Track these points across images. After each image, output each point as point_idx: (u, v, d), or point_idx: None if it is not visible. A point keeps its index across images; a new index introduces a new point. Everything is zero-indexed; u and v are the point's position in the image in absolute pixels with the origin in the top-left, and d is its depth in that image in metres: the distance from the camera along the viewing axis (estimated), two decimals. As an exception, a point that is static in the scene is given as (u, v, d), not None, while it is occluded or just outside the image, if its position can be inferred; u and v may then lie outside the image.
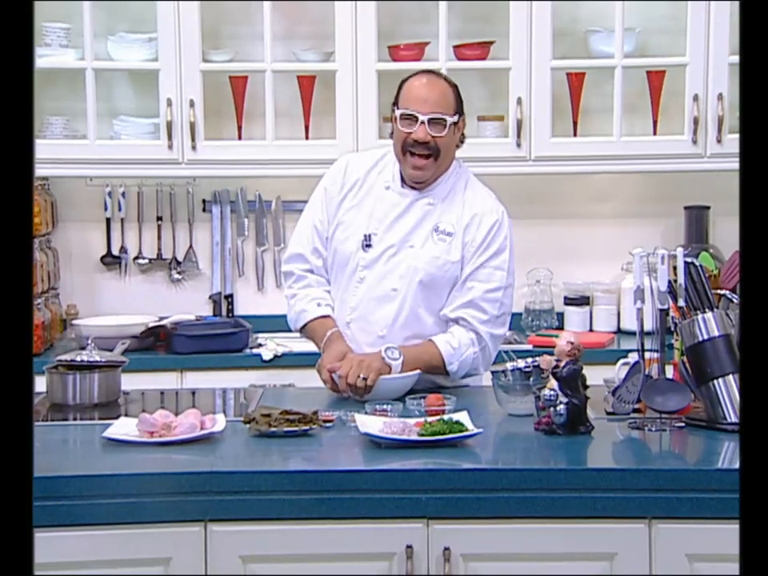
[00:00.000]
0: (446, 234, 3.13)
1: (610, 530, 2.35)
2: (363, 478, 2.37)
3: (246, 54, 4.29)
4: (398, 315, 3.12)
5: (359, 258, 3.15)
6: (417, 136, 3.05)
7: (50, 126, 4.23)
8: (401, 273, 3.13)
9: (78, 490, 2.34)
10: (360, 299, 3.15)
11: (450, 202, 3.17)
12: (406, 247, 3.14)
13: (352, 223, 3.18)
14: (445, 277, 3.12)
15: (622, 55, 4.15)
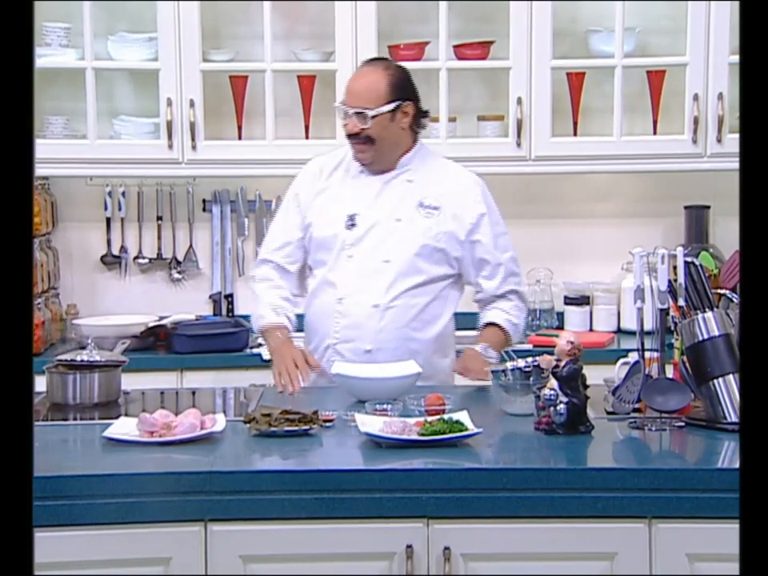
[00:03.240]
0: (432, 208, 3.27)
1: (610, 530, 2.35)
2: (363, 478, 2.37)
3: (246, 53, 4.29)
4: (392, 284, 3.21)
5: (345, 237, 3.25)
6: (347, 129, 3.24)
7: (50, 125, 4.23)
8: (391, 245, 3.23)
9: (78, 489, 2.34)
10: (351, 275, 3.24)
11: (429, 179, 3.30)
12: (392, 221, 3.25)
13: (331, 208, 3.29)
14: (438, 246, 3.25)
15: (622, 55, 4.14)
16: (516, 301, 3.37)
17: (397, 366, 3.07)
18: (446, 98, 4.18)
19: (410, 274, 3.23)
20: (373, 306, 3.20)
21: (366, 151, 3.23)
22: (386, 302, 3.21)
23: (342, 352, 3.23)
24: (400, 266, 3.22)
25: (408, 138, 3.29)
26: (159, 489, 2.34)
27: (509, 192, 4.49)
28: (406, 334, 3.22)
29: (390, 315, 3.20)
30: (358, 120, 3.19)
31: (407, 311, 3.22)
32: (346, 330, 3.22)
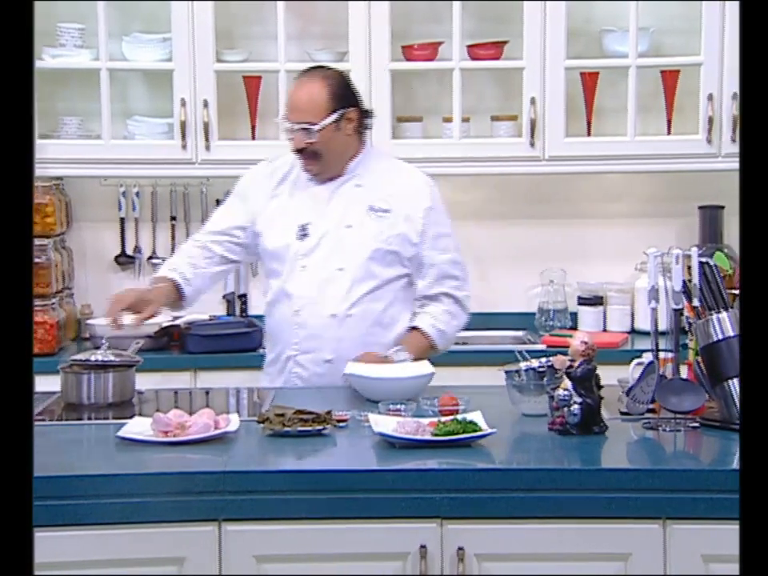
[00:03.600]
0: (382, 210, 3.24)
1: (624, 531, 2.35)
2: (377, 478, 2.37)
3: (259, 53, 4.29)
4: (348, 292, 3.20)
5: (297, 247, 3.23)
6: (293, 145, 3.20)
7: (64, 126, 4.25)
8: (345, 252, 3.22)
9: (92, 489, 2.34)
10: (306, 286, 3.22)
11: (378, 182, 3.27)
12: (342, 228, 3.23)
13: (282, 219, 3.26)
14: (390, 249, 3.23)
15: (636, 55, 4.14)
16: (449, 306, 3.30)
17: (410, 366, 3.07)
18: (460, 98, 4.18)
19: (364, 280, 3.21)
20: (330, 316, 3.19)
21: (313, 164, 3.20)
22: (344, 311, 3.20)
23: (303, 363, 3.23)
24: (354, 272, 3.20)
25: (354, 142, 3.26)
26: (173, 488, 2.35)
27: (522, 192, 4.51)
28: (366, 340, 3.21)
29: (349, 324, 3.20)
30: (303, 135, 3.14)
31: (365, 318, 3.21)
32: (305, 341, 3.22)
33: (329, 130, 3.16)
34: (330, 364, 3.20)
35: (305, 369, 3.22)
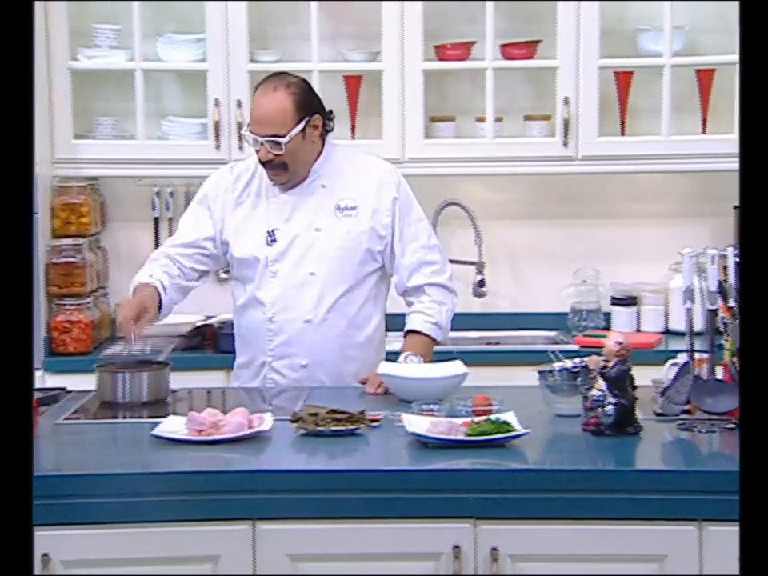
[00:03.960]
0: (349, 208, 3.22)
1: (659, 532, 2.33)
2: (410, 478, 2.37)
3: (292, 54, 4.30)
4: (321, 297, 3.19)
5: (266, 253, 3.21)
6: (260, 156, 3.16)
7: (99, 126, 4.28)
8: (315, 256, 3.20)
9: (127, 487, 2.36)
10: (278, 291, 3.20)
11: (342, 179, 3.24)
12: (312, 232, 3.21)
13: (249, 227, 3.23)
14: (360, 247, 3.21)
15: (670, 54, 4.11)
16: (434, 294, 3.28)
17: (443, 366, 3.07)
18: (493, 98, 4.17)
19: (337, 283, 3.20)
20: (305, 322, 3.19)
21: (281, 175, 3.17)
22: (319, 317, 3.19)
23: (279, 369, 3.24)
24: (326, 276, 3.19)
25: (318, 146, 3.23)
26: (208, 487, 2.36)
27: (555, 192, 4.49)
28: (342, 342, 3.21)
29: (324, 328, 3.20)
30: (270, 147, 3.10)
31: (340, 321, 3.21)
32: (280, 347, 3.22)
33: (296, 140, 3.12)
34: (305, 369, 3.21)
35: (281, 375, 3.23)
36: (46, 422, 2.75)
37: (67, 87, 4.16)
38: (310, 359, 3.20)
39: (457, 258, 4.46)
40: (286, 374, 3.23)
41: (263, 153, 3.13)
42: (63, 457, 2.59)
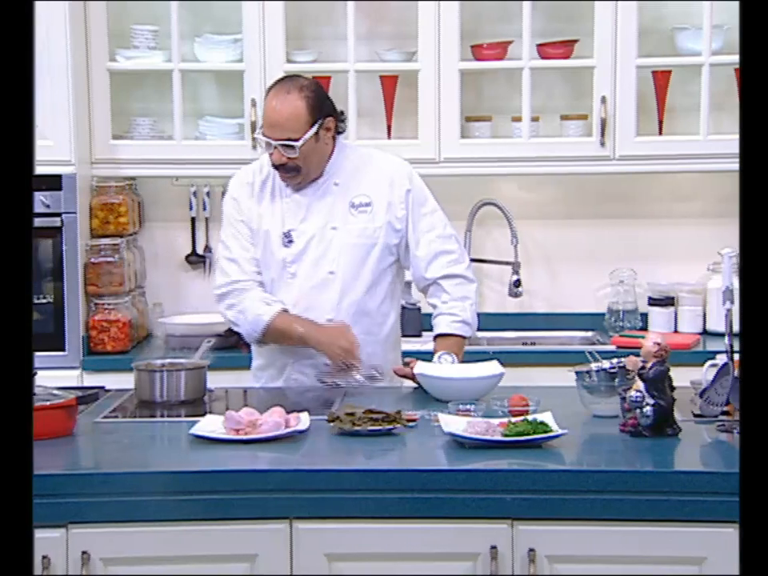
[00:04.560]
0: (363, 205, 3.22)
1: (698, 534, 2.32)
2: (447, 478, 2.37)
3: (329, 54, 4.31)
4: (342, 295, 3.20)
5: (284, 255, 3.21)
6: (273, 160, 3.15)
7: (137, 126, 4.30)
8: (333, 255, 3.20)
9: (165, 486, 2.37)
10: (297, 293, 3.21)
11: (355, 176, 3.24)
12: (328, 230, 3.21)
13: (266, 229, 3.23)
14: (377, 242, 3.21)
15: (709, 52, 4.08)
16: (453, 288, 3.25)
17: (480, 366, 3.07)
18: (529, 98, 4.16)
19: (356, 281, 3.21)
20: (327, 321, 3.19)
21: (294, 177, 3.18)
22: (340, 315, 3.19)
23: (302, 369, 3.24)
24: (345, 274, 3.20)
25: (330, 146, 3.23)
26: (245, 486, 2.36)
27: (592, 192, 4.47)
28: (363, 339, 3.20)
29: (344, 320, 3.19)
30: (284, 150, 3.10)
31: (361, 318, 3.21)
32: (303, 348, 3.21)
33: (309, 143, 3.12)
34: (329, 367, 3.20)
35: (305, 375, 3.24)
36: (84, 420, 2.77)
37: (106, 88, 4.19)
38: None
39: (493, 258, 4.46)
40: (309, 373, 3.23)
41: (276, 156, 3.13)
42: (102, 455, 2.61)
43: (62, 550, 2.35)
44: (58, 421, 2.62)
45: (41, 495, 2.30)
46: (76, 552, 2.34)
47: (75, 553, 2.35)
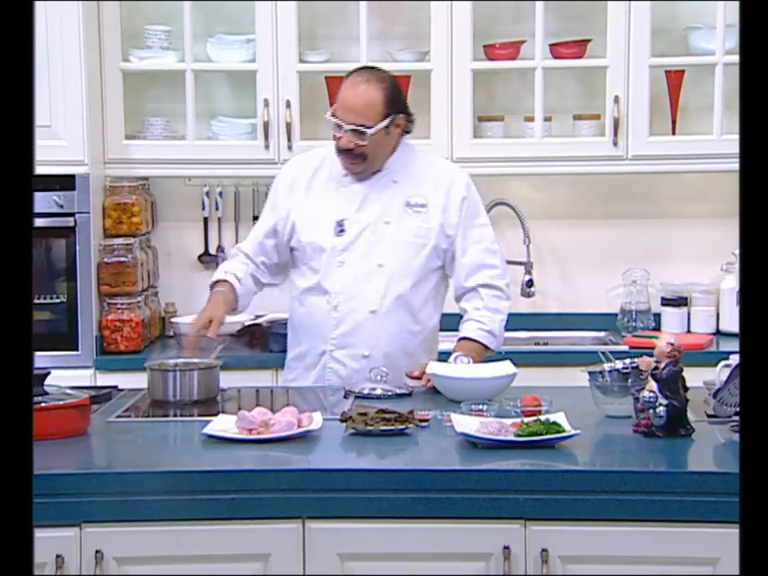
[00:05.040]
0: (419, 206, 3.25)
1: (711, 535, 2.31)
2: (460, 478, 2.37)
3: (341, 54, 4.31)
4: (387, 288, 3.21)
5: (334, 243, 3.23)
6: (341, 144, 3.20)
7: (150, 126, 4.31)
8: (384, 248, 3.23)
9: (178, 485, 2.37)
10: (345, 281, 3.22)
11: (414, 177, 3.28)
12: (381, 224, 3.24)
13: (317, 215, 3.26)
14: (428, 243, 3.24)
15: (723, 52, 4.07)
16: (488, 299, 3.27)
17: (493, 366, 3.07)
18: (542, 97, 4.16)
19: (403, 277, 3.23)
20: (370, 312, 3.21)
21: (358, 165, 3.21)
22: (384, 307, 3.21)
23: (340, 358, 3.25)
24: (393, 268, 3.22)
25: (396, 143, 3.27)
26: (258, 486, 2.37)
27: (605, 192, 4.47)
28: (404, 337, 3.24)
29: (388, 320, 3.22)
30: (354, 136, 3.15)
31: (404, 314, 3.23)
32: (343, 336, 3.23)
33: (379, 134, 3.17)
34: (367, 360, 3.22)
35: (342, 365, 3.24)
36: (97, 420, 2.78)
37: (119, 88, 4.20)
38: (372, 350, 3.22)
39: (505, 257, 4.45)
40: (347, 363, 3.24)
41: (345, 140, 3.17)
42: (115, 455, 2.61)
43: (75, 550, 2.35)
44: (71, 420, 2.62)
45: (54, 495, 2.33)
46: (89, 551, 2.35)
47: (89, 552, 2.35)
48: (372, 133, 3.14)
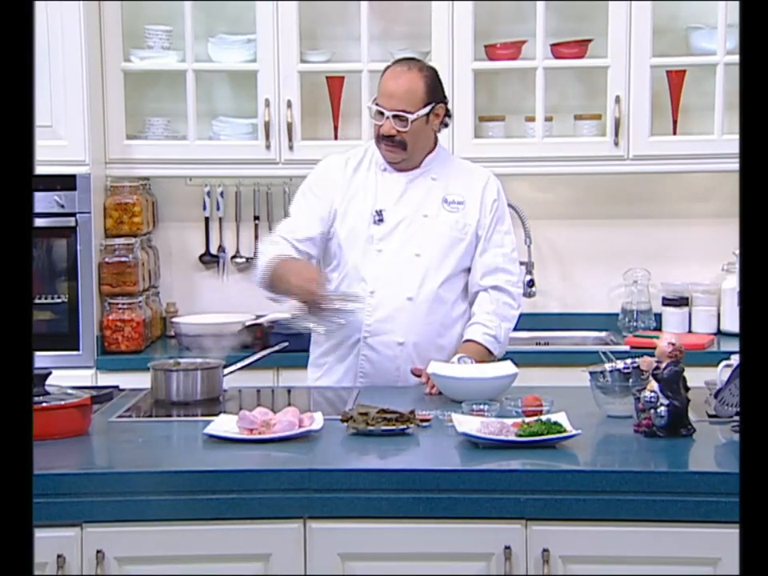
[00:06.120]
0: (456, 203, 3.29)
1: (712, 535, 2.31)
2: (461, 478, 2.37)
3: (342, 54, 4.32)
4: (425, 277, 3.23)
5: (373, 232, 3.25)
6: (383, 130, 3.22)
7: (151, 126, 4.31)
8: (421, 240, 3.25)
9: (179, 485, 2.37)
10: (382, 268, 3.24)
11: (451, 175, 3.32)
12: (419, 217, 3.27)
13: (357, 204, 3.27)
14: (466, 239, 3.28)
15: (724, 52, 4.07)
16: (499, 307, 3.27)
17: (494, 366, 3.07)
18: (543, 97, 4.16)
19: (440, 268, 3.25)
20: (407, 299, 3.23)
21: (398, 152, 3.24)
22: (421, 296, 3.23)
23: (374, 345, 3.24)
24: (430, 260, 3.24)
25: (433, 138, 3.32)
26: (259, 486, 2.36)
27: (606, 192, 4.47)
28: (438, 327, 3.25)
29: (424, 308, 3.23)
30: (395, 122, 3.18)
31: (439, 306, 3.25)
32: (378, 323, 3.23)
33: (420, 121, 3.20)
34: (401, 347, 3.22)
35: (376, 352, 3.24)
36: (99, 420, 2.78)
37: (120, 88, 4.21)
38: (406, 338, 3.22)
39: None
40: (381, 350, 3.23)
41: (387, 126, 3.20)
42: (116, 455, 2.61)
43: (76, 549, 2.36)
44: (72, 420, 2.63)
45: (55, 494, 2.33)
46: (91, 551, 2.35)
47: (90, 552, 2.35)
48: (413, 119, 3.18)
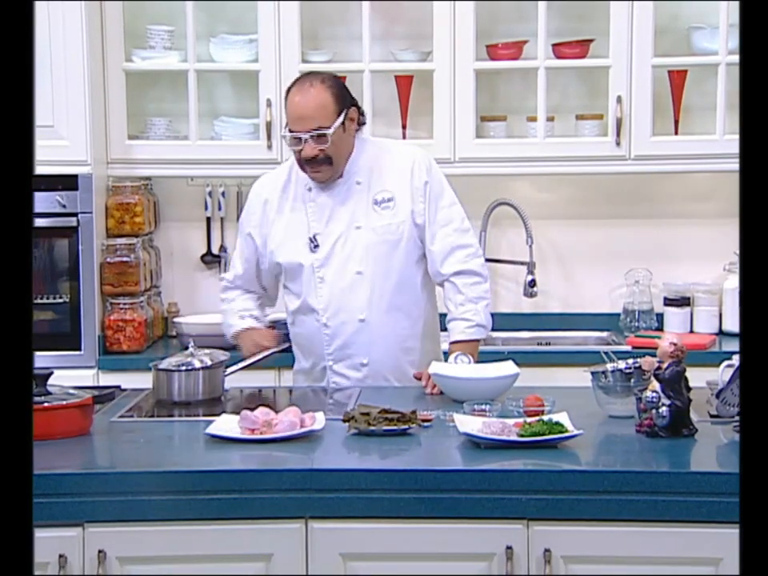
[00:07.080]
0: (386, 200, 3.22)
1: (714, 535, 2.31)
2: (462, 478, 2.37)
3: (344, 54, 4.31)
4: (372, 294, 3.20)
5: (312, 260, 3.23)
6: (304, 154, 3.15)
7: (152, 126, 4.31)
8: (359, 255, 3.21)
9: (181, 485, 2.37)
10: (329, 296, 3.22)
11: (376, 171, 3.25)
12: (353, 231, 3.22)
13: (291, 236, 3.25)
14: (402, 237, 3.22)
15: (726, 52, 4.07)
16: (466, 290, 3.22)
17: (495, 366, 3.07)
18: (544, 97, 4.16)
19: (385, 279, 3.22)
20: (359, 321, 3.21)
21: (324, 170, 3.17)
22: (372, 314, 3.21)
23: (340, 371, 3.26)
24: (373, 272, 3.21)
25: (353, 139, 3.24)
26: (260, 486, 2.37)
27: (607, 192, 4.47)
28: (398, 336, 3.24)
29: (379, 325, 3.21)
30: (315, 142, 3.11)
31: (394, 315, 3.23)
32: (338, 350, 3.24)
33: (338, 132, 3.14)
34: (367, 367, 3.23)
35: (343, 377, 3.25)
36: (100, 420, 2.78)
37: (122, 88, 4.21)
38: (369, 357, 3.22)
39: (507, 258, 4.46)
40: (349, 374, 3.25)
41: (308, 150, 3.13)
42: (118, 454, 2.62)
43: (78, 549, 2.36)
44: (74, 420, 2.63)
45: (57, 494, 2.33)
46: (92, 551, 2.35)
47: (91, 552, 2.35)
48: (332, 132, 3.10)
